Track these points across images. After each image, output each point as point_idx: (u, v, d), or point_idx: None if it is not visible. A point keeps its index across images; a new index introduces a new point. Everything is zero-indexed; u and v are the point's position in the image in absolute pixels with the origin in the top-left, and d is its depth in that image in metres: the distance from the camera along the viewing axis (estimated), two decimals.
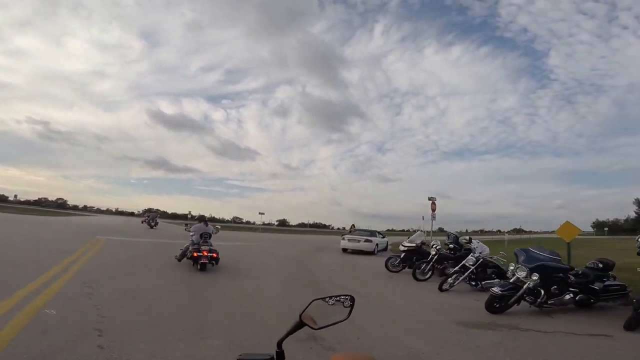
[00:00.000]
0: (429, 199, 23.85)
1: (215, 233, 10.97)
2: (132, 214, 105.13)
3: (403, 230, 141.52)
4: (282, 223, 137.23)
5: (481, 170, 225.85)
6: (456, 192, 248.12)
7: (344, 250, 19.38)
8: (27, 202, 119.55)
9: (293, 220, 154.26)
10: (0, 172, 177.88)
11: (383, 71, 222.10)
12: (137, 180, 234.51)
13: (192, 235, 10.46)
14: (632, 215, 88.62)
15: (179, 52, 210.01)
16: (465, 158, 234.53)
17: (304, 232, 62.02)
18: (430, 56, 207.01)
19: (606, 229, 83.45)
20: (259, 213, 50.63)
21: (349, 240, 19.63)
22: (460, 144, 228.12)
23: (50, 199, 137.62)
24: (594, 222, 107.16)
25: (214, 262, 9.70)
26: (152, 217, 33.31)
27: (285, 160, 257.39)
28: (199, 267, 9.40)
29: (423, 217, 35.42)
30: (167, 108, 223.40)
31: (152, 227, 31.24)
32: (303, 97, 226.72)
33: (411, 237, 13.09)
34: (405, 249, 12.25)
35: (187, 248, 10.18)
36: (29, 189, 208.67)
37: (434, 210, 23.69)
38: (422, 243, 12.57)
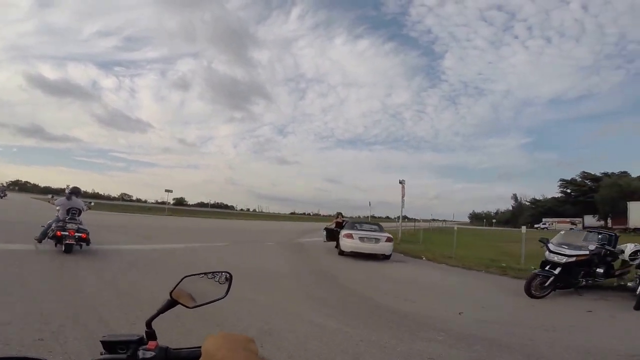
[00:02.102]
0: (400, 182, 22.45)
1: (86, 210, 9.56)
2: None
3: (305, 214, 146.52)
4: (180, 202, 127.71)
5: (370, 160, 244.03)
6: (346, 178, 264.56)
7: (342, 253, 13.09)
8: None
9: (191, 199, 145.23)
10: None
11: (292, 55, 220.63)
12: (5, 147, 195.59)
13: (57, 210, 8.93)
14: (505, 208, 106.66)
15: (73, 14, 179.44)
16: (357, 147, 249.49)
17: (220, 215, 54.29)
18: (339, 46, 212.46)
19: (485, 220, 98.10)
20: (166, 190, 43.09)
21: (360, 239, 12.63)
22: (354, 134, 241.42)
23: None
24: (470, 214, 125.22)
25: (82, 242, 8.39)
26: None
27: (181, 135, 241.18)
28: (63, 248, 8.09)
29: (370, 202, 35.26)
30: (50, 72, 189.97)
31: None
32: (208, 73, 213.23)
33: (565, 238, 8.80)
34: (564, 258, 7.65)
35: (50, 226, 8.55)
36: None
37: (403, 195, 22.51)
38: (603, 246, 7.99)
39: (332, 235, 14.57)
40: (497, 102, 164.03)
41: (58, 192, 29.90)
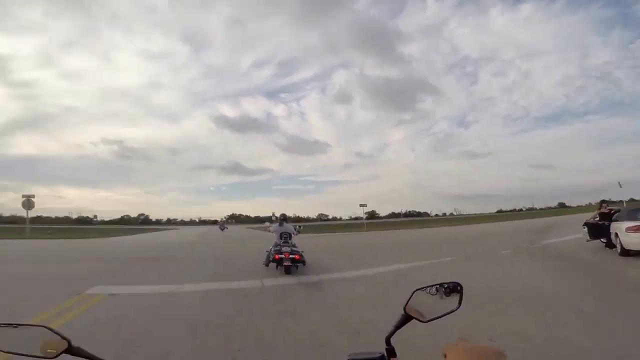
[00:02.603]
0: None
1: (296, 234, 10.35)
2: (215, 222, 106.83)
3: (516, 210, 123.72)
4: (372, 215, 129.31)
5: (586, 134, 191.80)
6: (560, 160, 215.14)
7: (625, 253, 9.28)
8: (111, 222, 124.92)
9: (380, 211, 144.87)
10: (92, 195, 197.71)
11: (446, 39, 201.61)
12: (215, 187, 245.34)
13: (273, 234, 10.41)
14: None
15: (225, 51, 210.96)
16: (563, 121, 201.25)
17: (418, 224, 48.55)
18: (497, 17, 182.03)
19: None
20: (360, 205, 41.61)
21: None
22: (555, 107, 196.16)
23: (131, 215, 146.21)
24: None
25: (298, 263, 9.04)
26: (221, 224, 54.92)
27: (357, 149, 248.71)
28: (284, 270, 8.94)
29: (620, 183, 29.77)
30: (229, 111, 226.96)
31: (222, 230, 48.46)
32: (362, 80, 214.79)
33: None
34: None
35: (270, 251, 9.53)
36: (117, 209, 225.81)
37: None
38: None
39: (598, 231, 11.18)
40: None
41: (270, 220, 37.29)
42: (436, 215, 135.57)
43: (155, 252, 17.28)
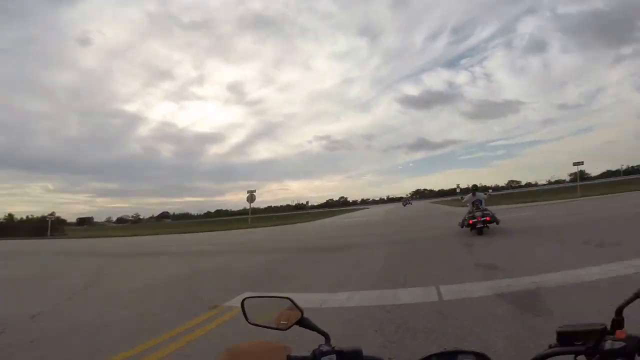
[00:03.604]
0: None
1: (487, 197, 12.25)
2: (400, 198, 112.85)
3: None
4: (580, 177, 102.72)
5: None
6: None
7: None
8: (319, 206, 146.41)
9: (591, 170, 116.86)
10: (308, 185, 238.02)
11: None
12: (403, 165, 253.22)
13: (467, 205, 12.32)
14: None
15: (397, 33, 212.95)
16: None
17: None
18: None
19: None
20: (574, 164, 32.43)
21: None
22: None
23: (334, 199, 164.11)
24: None
25: (488, 224, 10.67)
26: (405, 200, 65.07)
27: (559, 100, 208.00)
28: (477, 232, 10.64)
29: None
30: (412, 90, 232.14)
31: (404, 206, 57.02)
32: (556, 22, 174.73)
33: None
34: None
35: (465, 217, 11.29)
36: (327, 194, 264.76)
37: None
38: None
39: None
40: None
41: (455, 192, 41.43)
42: None
43: (334, 237, 16.49)
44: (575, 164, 32.30)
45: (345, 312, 4.51)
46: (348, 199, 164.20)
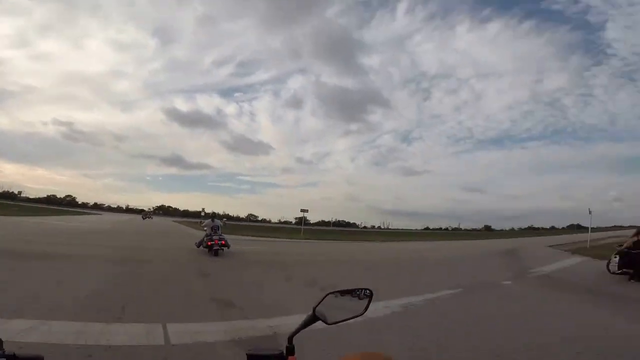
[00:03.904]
0: None
1: (223, 226, 13.68)
2: (141, 211, 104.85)
3: (442, 229, 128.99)
4: (301, 221, 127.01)
5: (522, 160, 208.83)
6: (490, 185, 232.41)
7: None
8: (37, 200, 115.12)
9: (310, 217, 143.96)
10: (28, 172, 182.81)
11: (408, 54, 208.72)
12: (153, 177, 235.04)
13: (205, 229, 13.41)
14: None
15: (192, 47, 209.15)
16: (504, 146, 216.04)
17: (353, 237, 46.11)
18: (463, 34, 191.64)
19: None
20: (301, 210, 38.15)
21: None
22: (499, 130, 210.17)
23: (58, 195, 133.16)
24: None
25: (224, 247, 12.02)
26: (145, 214, 65.68)
27: (299, 154, 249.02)
28: (213, 253, 11.76)
29: (590, 210, 26.61)
30: (182, 105, 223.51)
31: (144, 219, 55.79)
32: (317, 87, 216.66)
33: None
34: None
35: (203, 239, 12.57)
36: (52, 188, 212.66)
37: None
38: None
39: (633, 262, 10.04)
40: None
41: (199, 215, 40.31)
42: (364, 227, 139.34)
43: (38, 242, 12.50)
44: (302, 210, 38.34)
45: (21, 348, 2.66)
46: (76, 199, 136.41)
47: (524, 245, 28.17)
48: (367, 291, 1.18)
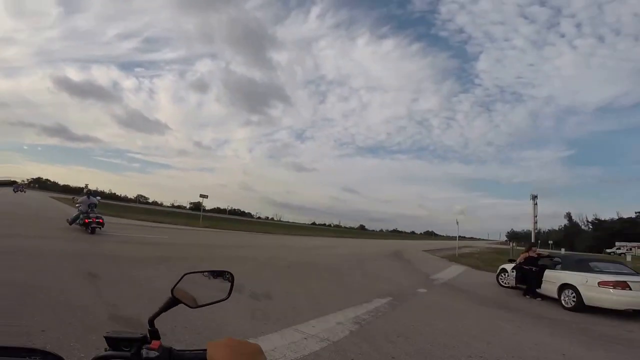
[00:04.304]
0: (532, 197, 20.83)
1: (97, 203, 13.75)
2: (13, 183, 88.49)
3: (327, 225, 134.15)
4: (197, 207, 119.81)
5: (391, 169, 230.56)
6: (365, 188, 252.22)
7: (579, 308, 8.53)
8: None
9: (206, 204, 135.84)
10: None
11: (313, 56, 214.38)
12: (31, 147, 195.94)
13: (78, 207, 13.30)
14: (550, 227, 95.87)
15: (97, 18, 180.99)
16: (378, 155, 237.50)
17: (253, 227, 44.72)
18: (362, 47, 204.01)
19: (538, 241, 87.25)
20: (201, 195, 33.66)
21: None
22: (376, 141, 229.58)
23: None
24: (509, 232, 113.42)
25: (100, 226, 12.50)
26: (17, 186, 55.75)
27: (197, 138, 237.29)
28: (89, 230, 12.22)
29: (458, 220, 28.32)
30: (75, 74, 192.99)
31: (15, 192, 47.80)
32: (226, 74, 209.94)
33: None
34: None
35: (78, 216, 12.75)
36: None
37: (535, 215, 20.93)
38: None
39: (529, 277, 10.45)
40: (537, 110, 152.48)
41: (77, 192, 36.44)
42: (259, 218, 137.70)
43: None
44: (201, 195, 34.25)
45: None
46: None
47: (405, 249, 30.56)
48: (228, 274, 1.13)
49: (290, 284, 8.69)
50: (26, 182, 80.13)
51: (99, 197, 15.32)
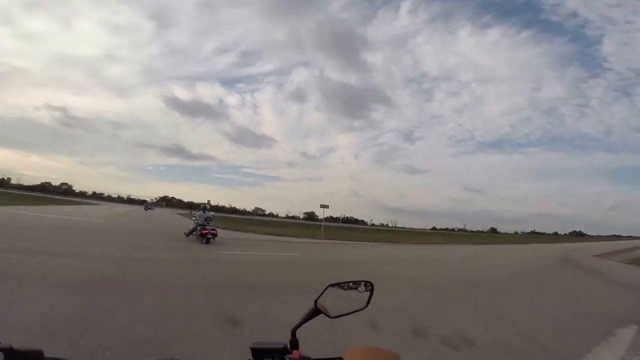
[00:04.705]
0: None
1: (212, 218, 15.07)
2: (143, 202, 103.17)
3: (449, 230, 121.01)
4: (310, 217, 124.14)
5: (521, 164, 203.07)
6: (491, 187, 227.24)
7: None
8: (30, 187, 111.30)
9: (318, 213, 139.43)
10: (21, 159, 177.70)
11: (410, 53, 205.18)
12: (154, 167, 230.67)
13: (195, 220, 14.83)
14: None
15: (190, 33, 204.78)
16: (504, 150, 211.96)
17: (386, 235, 42.83)
18: (464, 38, 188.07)
19: None
20: (322, 206, 32.71)
21: None
22: (499, 135, 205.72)
23: (53, 183, 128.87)
24: None
25: (214, 237, 13.78)
26: (147, 205, 67.91)
27: (302, 148, 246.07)
28: (204, 240, 13.55)
29: None
30: (182, 93, 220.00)
31: (146, 210, 58.95)
32: (321, 81, 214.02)
33: None
34: None
35: (195, 228, 14.39)
36: (49, 176, 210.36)
37: None
38: None
39: None
40: None
41: (196, 207, 37.06)
42: (372, 224, 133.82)
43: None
44: (322, 206, 32.61)
45: None
46: (73, 188, 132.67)
47: (566, 253, 25.44)
48: (368, 284, 1.17)
49: (479, 315, 5.93)
50: (154, 200, 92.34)
51: (212, 212, 16.42)
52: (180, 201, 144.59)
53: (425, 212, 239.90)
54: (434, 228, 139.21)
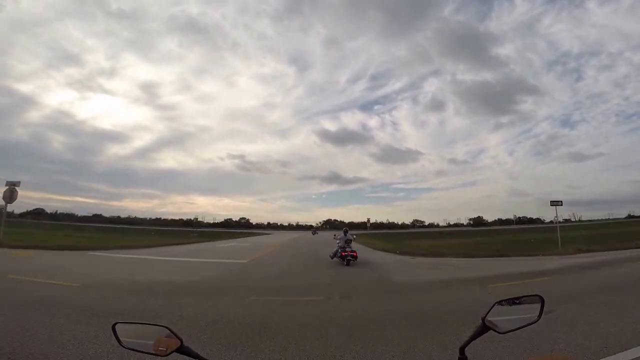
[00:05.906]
0: None
1: (353, 239, 15.02)
2: (310, 227, 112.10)
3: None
4: (478, 222, 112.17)
5: None
6: None
7: None
8: (214, 224, 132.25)
9: (486, 217, 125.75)
10: (216, 202, 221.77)
11: (542, 37, 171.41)
12: (317, 195, 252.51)
13: (338, 243, 14.84)
14: None
15: (324, 69, 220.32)
16: None
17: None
18: (596, 9, 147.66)
19: None
20: (552, 203, 18.16)
21: None
22: None
23: (234, 219, 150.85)
24: None
25: (354, 259, 13.54)
26: (313, 230, 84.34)
27: (450, 155, 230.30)
28: (345, 262, 13.43)
29: None
30: (330, 125, 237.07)
31: (313, 235, 65.40)
32: (454, 86, 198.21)
33: None
34: None
35: (337, 251, 14.36)
36: (237, 213, 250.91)
37: None
38: None
39: None
40: None
41: (363, 226, 51.83)
42: (550, 222, 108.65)
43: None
44: (552, 203, 20.26)
45: None
46: (250, 221, 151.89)
47: None
48: (537, 298, 1.12)
49: None
50: (319, 224, 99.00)
51: (354, 235, 16.32)
52: (342, 222, 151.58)
53: (601, 201, 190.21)
54: (630, 215, 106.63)
